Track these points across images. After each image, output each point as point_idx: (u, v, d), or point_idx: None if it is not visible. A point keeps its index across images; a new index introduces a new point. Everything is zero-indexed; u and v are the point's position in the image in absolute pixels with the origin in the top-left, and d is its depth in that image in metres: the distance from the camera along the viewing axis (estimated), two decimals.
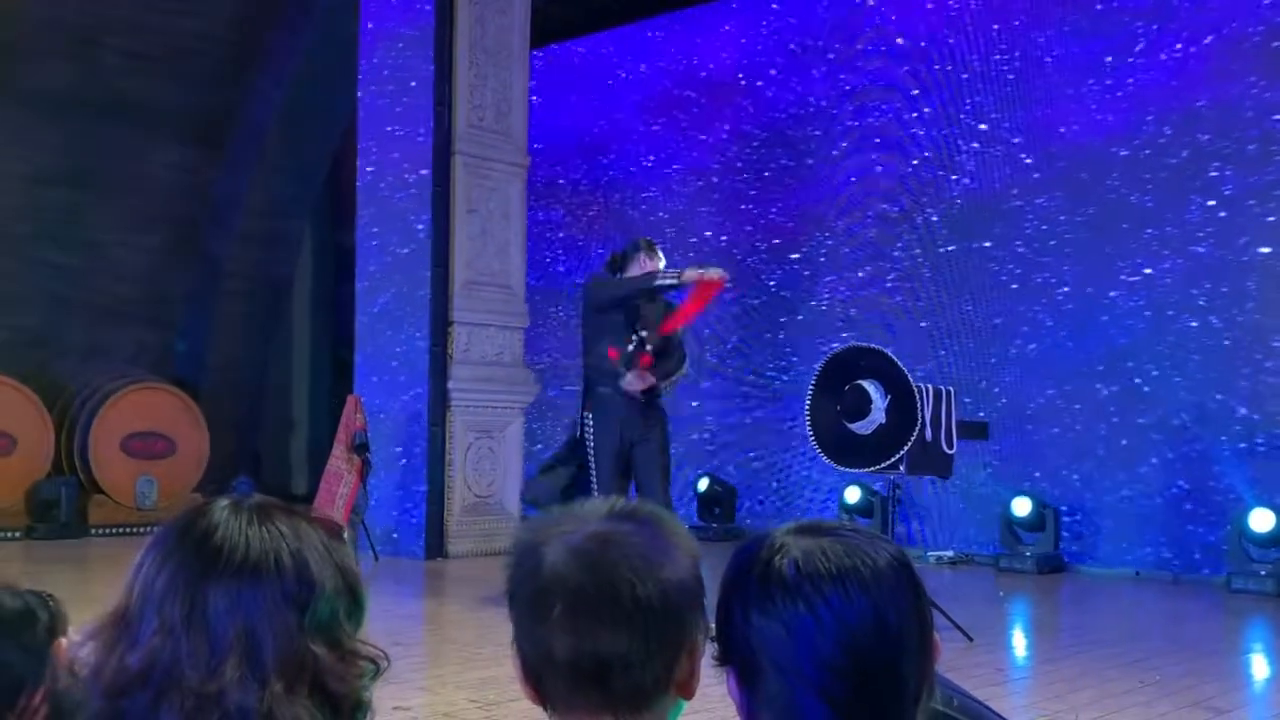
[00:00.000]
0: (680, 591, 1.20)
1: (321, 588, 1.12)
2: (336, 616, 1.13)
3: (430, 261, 9.58)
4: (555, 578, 1.19)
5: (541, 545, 1.22)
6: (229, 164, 12.57)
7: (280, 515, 1.15)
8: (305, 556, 1.12)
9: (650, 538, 1.22)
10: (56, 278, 11.57)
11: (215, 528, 1.13)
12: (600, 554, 1.19)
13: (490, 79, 9.89)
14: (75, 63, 11.18)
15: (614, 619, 1.16)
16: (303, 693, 1.08)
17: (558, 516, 1.26)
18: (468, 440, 9.66)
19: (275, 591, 1.10)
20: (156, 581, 1.11)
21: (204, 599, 1.09)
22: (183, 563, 1.11)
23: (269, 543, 1.12)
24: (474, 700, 4.59)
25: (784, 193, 11.50)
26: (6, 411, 10.64)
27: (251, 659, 1.07)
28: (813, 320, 11.20)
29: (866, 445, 6.05)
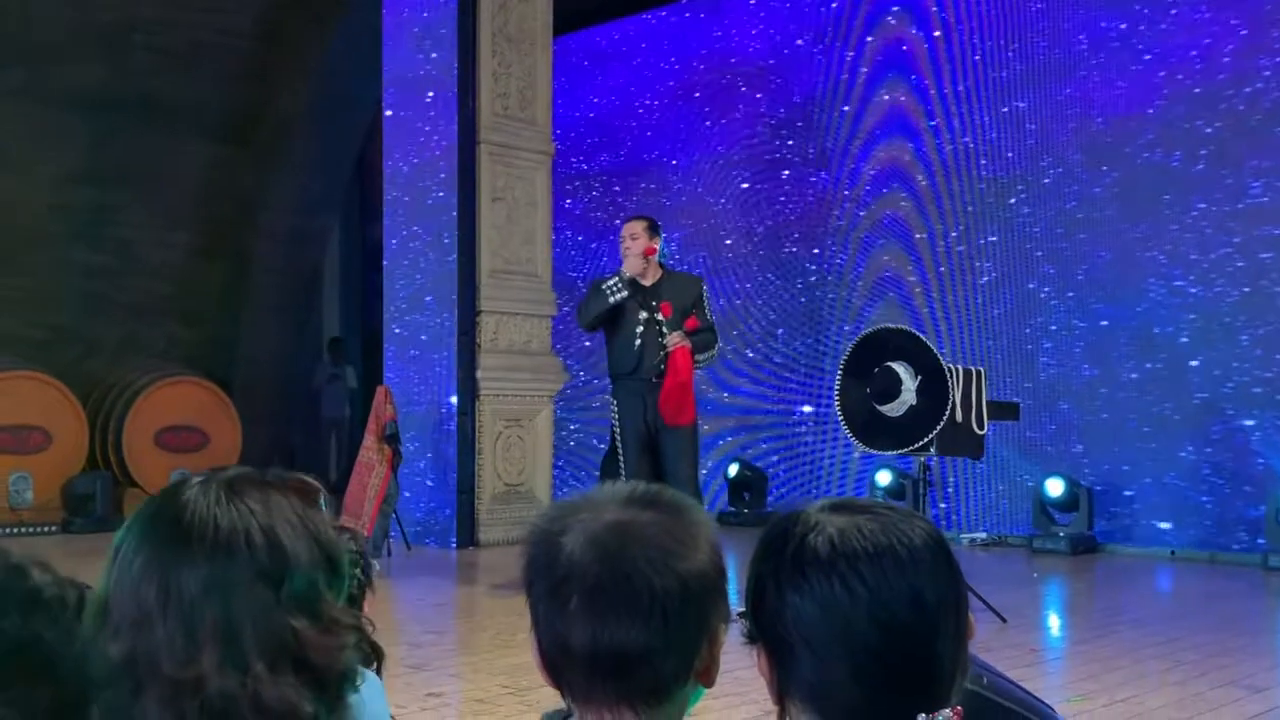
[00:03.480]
0: (700, 582, 1.18)
1: (296, 560, 1.08)
2: (315, 588, 1.10)
3: (457, 250, 9.59)
4: (573, 569, 1.17)
5: (559, 534, 1.20)
6: (257, 160, 12.62)
7: (252, 489, 1.12)
8: (277, 530, 1.09)
9: (670, 527, 1.20)
10: (89, 276, 11.67)
11: (184, 508, 1.09)
12: (618, 545, 1.17)
13: (514, 67, 9.88)
14: (105, 62, 11.25)
15: (632, 612, 1.14)
16: (287, 671, 1.05)
17: (576, 502, 1.24)
18: (497, 429, 9.68)
19: (248, 569, 1.06)
20: (132, 567, 1.08)
21: (178, 583, 1.06)
22: (156, 547, 1.08)
23: (239, 520, 1.08)
24: (507, 687, 4.61)
25: (810, 176, 11.45)
26: (42, 407, 10.75)
27: (230, 642, 1.04)
28: (841, 303, 11.15)
29: (896, 427, 6.01)
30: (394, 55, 10.21)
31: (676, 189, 12.35)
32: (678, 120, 12.39)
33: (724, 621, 1.22)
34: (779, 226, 11.63)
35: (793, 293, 11.52)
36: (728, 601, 1.22)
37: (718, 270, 11.92)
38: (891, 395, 6.02)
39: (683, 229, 12.07)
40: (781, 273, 11.55)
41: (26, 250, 11.18)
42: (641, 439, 6.59)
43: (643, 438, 6.59)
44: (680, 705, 1.20)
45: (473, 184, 9.61)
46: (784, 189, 11.63)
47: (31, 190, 11.14)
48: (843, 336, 10.51)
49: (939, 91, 10.57)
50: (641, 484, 1.27)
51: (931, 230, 10.59)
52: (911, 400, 6.02)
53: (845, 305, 11.10)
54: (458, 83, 9.62)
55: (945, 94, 10.52)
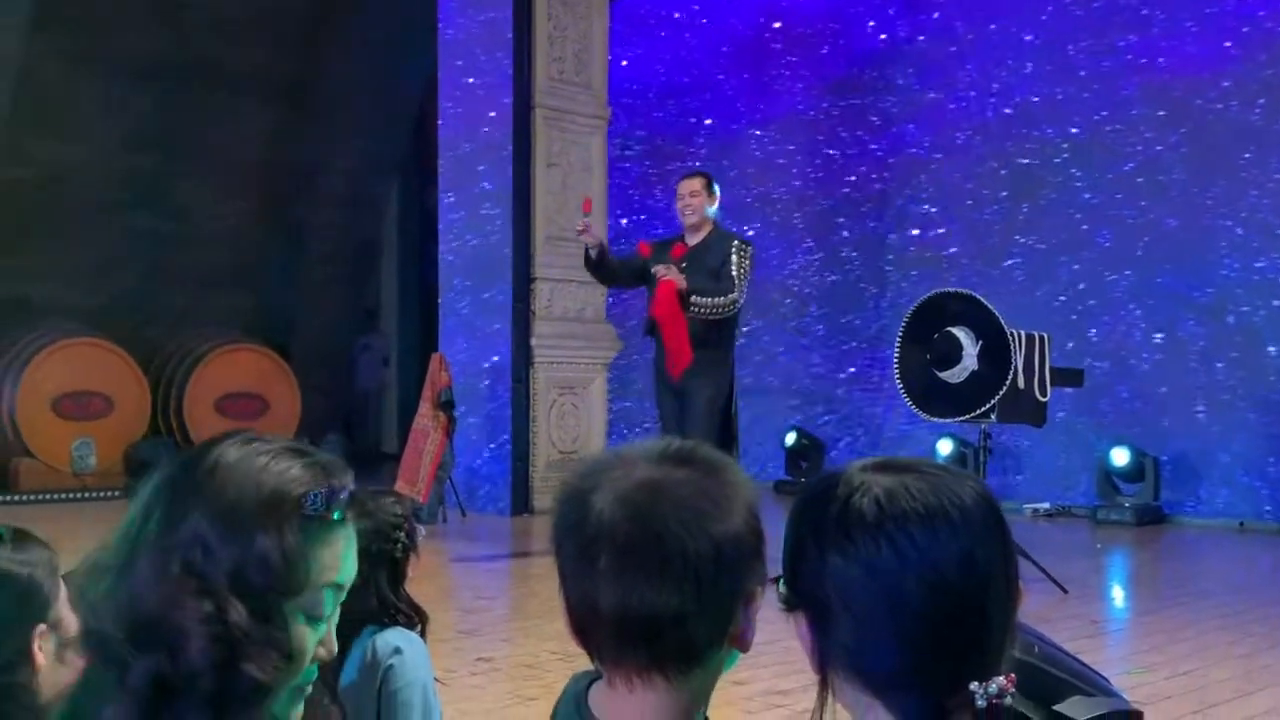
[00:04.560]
0: (735, 545, 1.13)
1: None
2: None
3: (511, 217, 9.55)
4: (602, 528, 1.12)
5: (590, 492, 1.15)
6: (315, 126, 12.66)
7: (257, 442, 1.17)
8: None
9: (705, 486, 1.14)
10: (150, 243, 11.79)
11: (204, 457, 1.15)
12: (650, 505, 1.11)
13: (569, 30, 9.79)
14: (163, 30, 11.31)
15: (663, 575, 1.09)
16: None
17: (608, 459, 1.19)
18: (551, 396, 9.65)
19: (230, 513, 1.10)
20: (150, 524, 1.11)
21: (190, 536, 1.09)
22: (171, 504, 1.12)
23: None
24: (556, 653, 4.58)
25: (874, 138, 11.26)
26: (104, 374, 10.89)
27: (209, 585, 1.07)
28: (902, 267, 10.98)
29: (957, 394, 5.90)
30: (449, 20, 10.16)
31: (733, 152, 12.20)
32: (735, 82, 12.23)
33: (760, 585, 1.16)
34: (837, 189, 11.47)
35: (853, 258, 11.36)
36: (764, 564, 1.16)
37: (776, 234, 11.78)
38: (952, 361, 5.90)
39: (740, 193, 11.93)
40: (841, 237, 11.40)
41: (88, 218, 11.30)
42: (667, 403, 6.54)
43: (668, 402, 6.53)
44: (714, 670, 1.16)
45: (527, 150, 9.56)
46: (843, 151, 11.46)
47: (92, 158, 11.25)
48: (902, 301, 10.34)
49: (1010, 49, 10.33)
50: (676, 440, 1.21)
51: (999, 191, 10.38)
52: (972, 366, 5.89)
53: (908, 269, 10.92)
54: (513, 47, 9.55)
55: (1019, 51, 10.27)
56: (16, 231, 10.59)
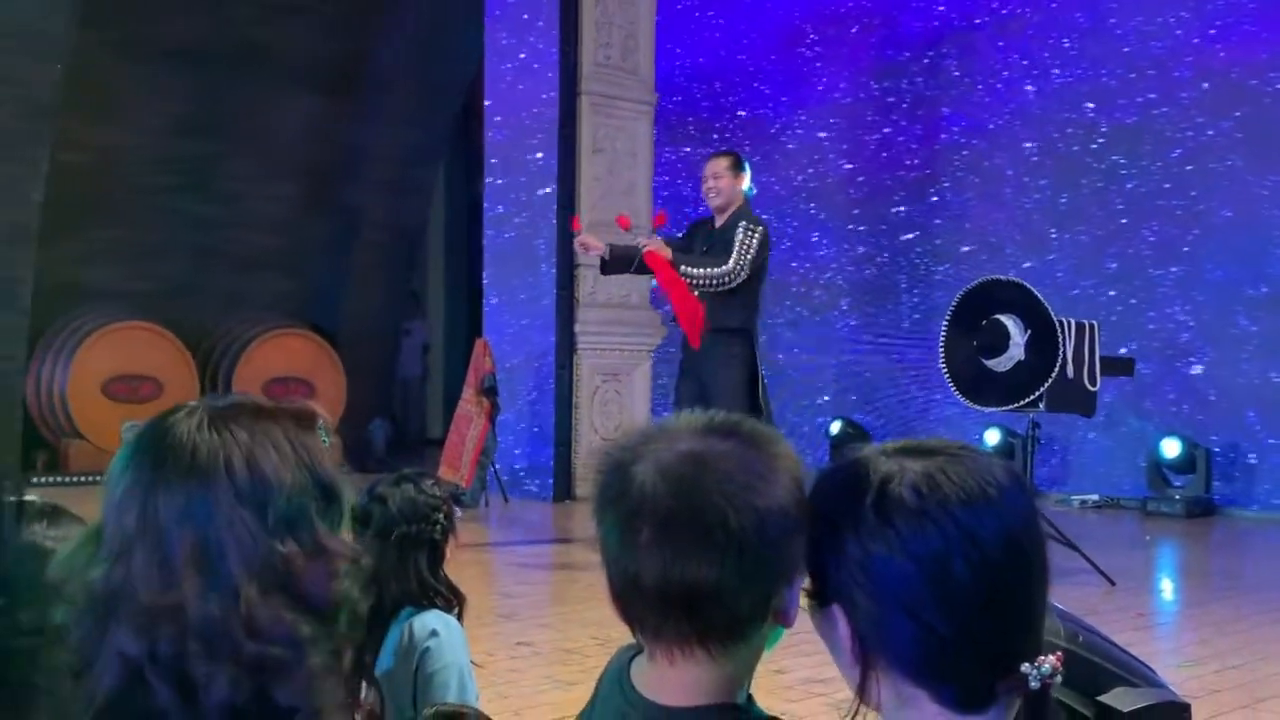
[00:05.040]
0: (779, 518, 1.11)
1: (280, 486, 1.07)
2: (305, 513, 1.08)
3: (557, 203, 9.54)
4: (644, 500, 1.11)
5: (631, 463, 1.14)
6: (361, 112, 12.70)
7: (242, 416, 1.11)
8: (259, 456, 1.08)
9: (749, 459, 1.13)
10: (197, 228, 11.89)
11: (165, 434, 1.09)
12: (693, 477, 1.10)
13: (616, 16, 9.76)
14: (210, 14, 11.38)
15: (705, 548, 1.08)
16: (277, 597, 1.04)
17: (651, 430, 1.18)
18: (594, 383, 9.65)
19: (228, 495, 1.05)
20: (117, 494, 1.08)
21: (155, 508, 1.05)
22: (137, 473, 1.08)
23: (218, 446, 1.07)
24: (596, 638, 4.58)
25: (921, 124, 11.14)
26: (153, 357, 11.01)
27: (212, 568, 1.03)
28: (950, 254, 10.86)
29: (1004, 383, 5.82)
30: (497, 6, 10.15)
31: (781, 137, 12.11)
32: (782, 66, 12.13)
33: (804, 559, 1.15)
34: (886, 174, 11.36)
35: (895, 245, 11.25)
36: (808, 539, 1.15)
37: (818, 222, 11.70)
38: (999, 350, 5.82)
39: (788, 177, 11.85)
40: (889, 222, 11.29)
41: (137, 202, 11.42)
42: (685, 385, 6.47)
43: (686, 384, 6.46)
44: (756, 646, 1.15)
45: (573, 136, 9.55)
46: (887, 138, 11.35)
47: (141, 143, 11.35)
48: (945, 290, 10.23)
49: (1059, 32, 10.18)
50: (721, 413, 1.19)
51: (1049, 177, 10.24)
52: (1020, 355, 5.81)
53: (955, 255, 10.80)
54: (560, 33, 9.53)
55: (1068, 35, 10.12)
56: (68, 216, 10.70)
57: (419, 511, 2.36)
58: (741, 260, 6.22)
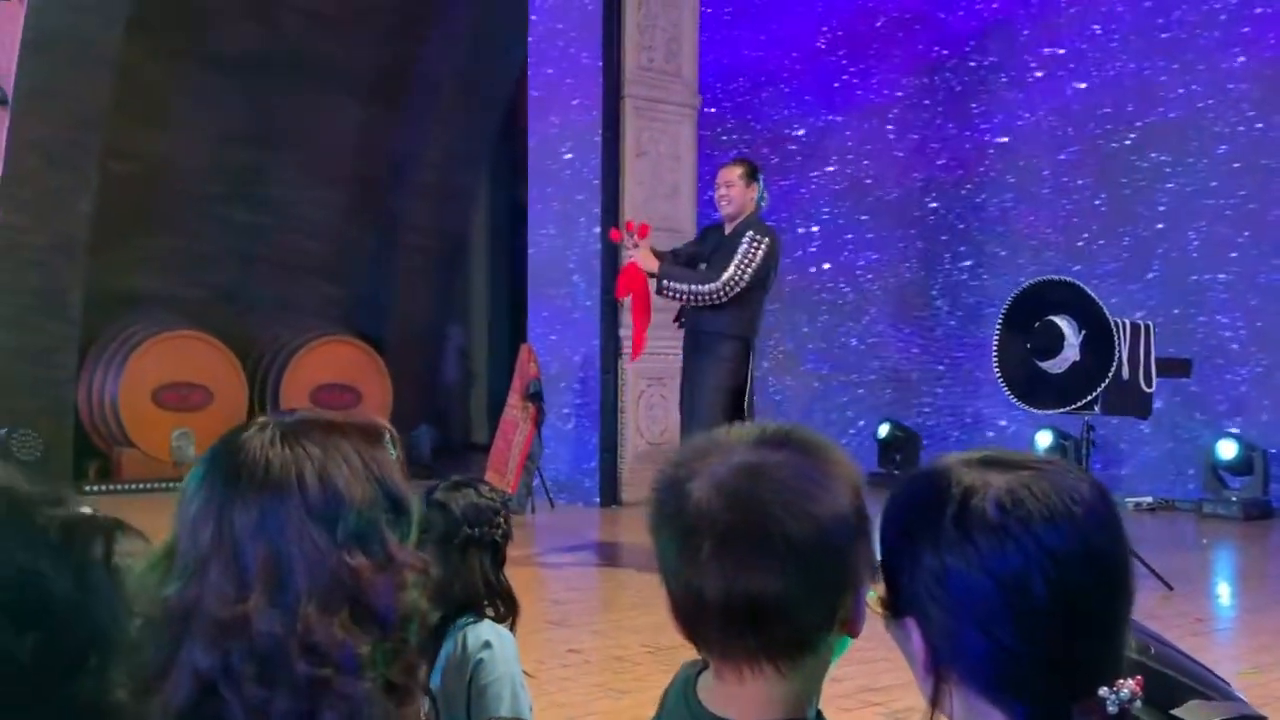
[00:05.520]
0: (839, 527, 1.10)
1: (351, 500, 1.08)
2: (374, 527, 1.09)
3: (600, 207, 9.53)
4: (701, 516, 1.10)
5: (686, 480, 1.13)
6: (406, 119, 12.77)
7: (312, 431, 1.13)
8: (331, 471, 1.09)
9: (805, 468, 1.12)
10: (245, 236, 11.99)
11: (238, 449, 1.11)
12: (750, 489, 1.10)
13: (659, 19, 9.74)
14: (259, 25, 11.48)
15: (767, 560, 1.07)
16: (341, 612, 1.05)
17: (704, 445, 1.16)
18: (640, 387, 9.61)
19: (299, 509, 1.07)
20: (190, 509, 1.10)
21: (230, 523, 1.07)
22: (211, 488, 1.10)
23: (291, 461, 1.09)
24: (647, 645, 4.54)
25: (968, 123, 11.02)
26: (203, 365, 11.11)
27: (280, 583, 1.05)
28: (999, 254, 10.73)
29: (1059, 385, 5.73)
30: (540, 11, 10.16)
31: (825, 140, 12.04)
32: (827, 69, 12.05)
33: (869, 568, 1.14)
34: (931, 177, 11.25)
35: (947, 246, 11.14)
36: (871, 547, 1.14)
37: (866, 221, 11.60)
38: (1053, 351, 5.74)
39: (833, 181, 11.78)
40: (935, 225, 11.18)
41: (187, 211, 11.54)
42: (684, 387, 6.49)
43: (684, 386, 6.49)
44: (824, 657, 1.14)
45: (616, 139, 9.53)
46: (938, 139, 11.24)
47: (190, 151, 11.47)
48: (1002, 289, 10.11)
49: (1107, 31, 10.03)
50: (772, 424, 1.18)
51: (1097, 176, 10.09)
52: (1075, 356, 5.72)
53: (1005, 255, 10.67)
54: (602, 37, 9.52)
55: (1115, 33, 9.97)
56: (120, 225, 10.84)
57: (482, 515, 2.38)
58: (740, 273, 6.14)
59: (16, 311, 10.36)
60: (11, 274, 10.30)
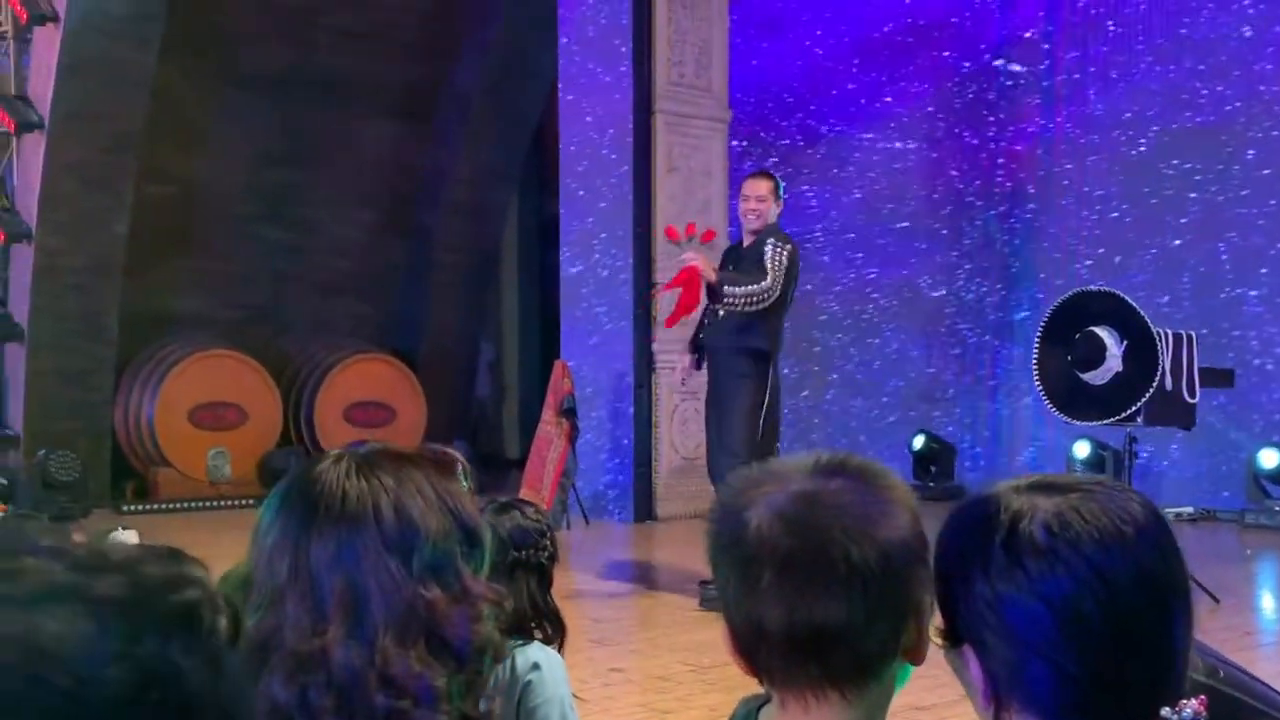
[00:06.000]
0: (901, 552, 1.09)
1: (426, 532, 1.09)
2: (449, 559, 1.10)
3: (632, 223, 9.52)
4: (761, 544, 1.09)
5: (744, 509, 1.12)
6: (437, 136, 12.83)
7: (386, 463, 1.13)
8: (406, 502, 1.10)
9: (863, 493, 1.11)
10: (279, 255, 12.07)
11: (315, 482, 1.11)
12: (809, 516, 1.09)
13: (689, 34, 9.74)
14: (290, 45, 11.57)
15: (829, 586, 1.07)
16: (417, 644, 1.05)
17: (759, 475, 1.16)
18: (674, 402, 9.59)
19: (375, 541, 1.07)
20: (267, 541, 1.10)
21: (306, 555, 1.07)
22: (287, 520, 1.10)
23: (368, 493, 1.09)
24: (689, 664, 4.51)
25: (993, 133, 10.96)
26: (238, 384, 11.17)
27: (357, 615, 1.05)
28: (1037, 264, 10.65)
29: (1101, 396, 5.66)
30: (570, 27, 10.18)
31: (857, 152, 11.99)
32: (858, 81, 12.01)
33: (929, 594, 1.14)
34: (957, 189, 11.19)
35: (983, 256, 11.06)
36: (931, 572, 1.14)
37: (897, 234, 11.54)
38: (1095, 362, 5.67)
39: (864, 192, 11.73)
40: (970, 235, 11.11)
41: (221, 231, 11.63)
42: (709, 402, 6.39)
43: (710, 401, 6.39)
44: (889, 683, 1.13)
45: (648, 155, 9.53)
46: (963, 150, 11.18)
47: (224, 172, 11.56)
48: (1038, 300, 10.02)
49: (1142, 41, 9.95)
50: (826, 452, 1.18)
51: (1136, 186, 10.00)
52: (1117, 367, 5.65)
53: (1042, 266, 10.59)
54: (633, 52, 9.53)
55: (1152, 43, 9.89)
56: (155, 246, 10.92)
57: (528, 537, 2.37)
58: (777, 277, 6.05)
59: (54, 334, 10.47)
60: (50, 297, 10.40)
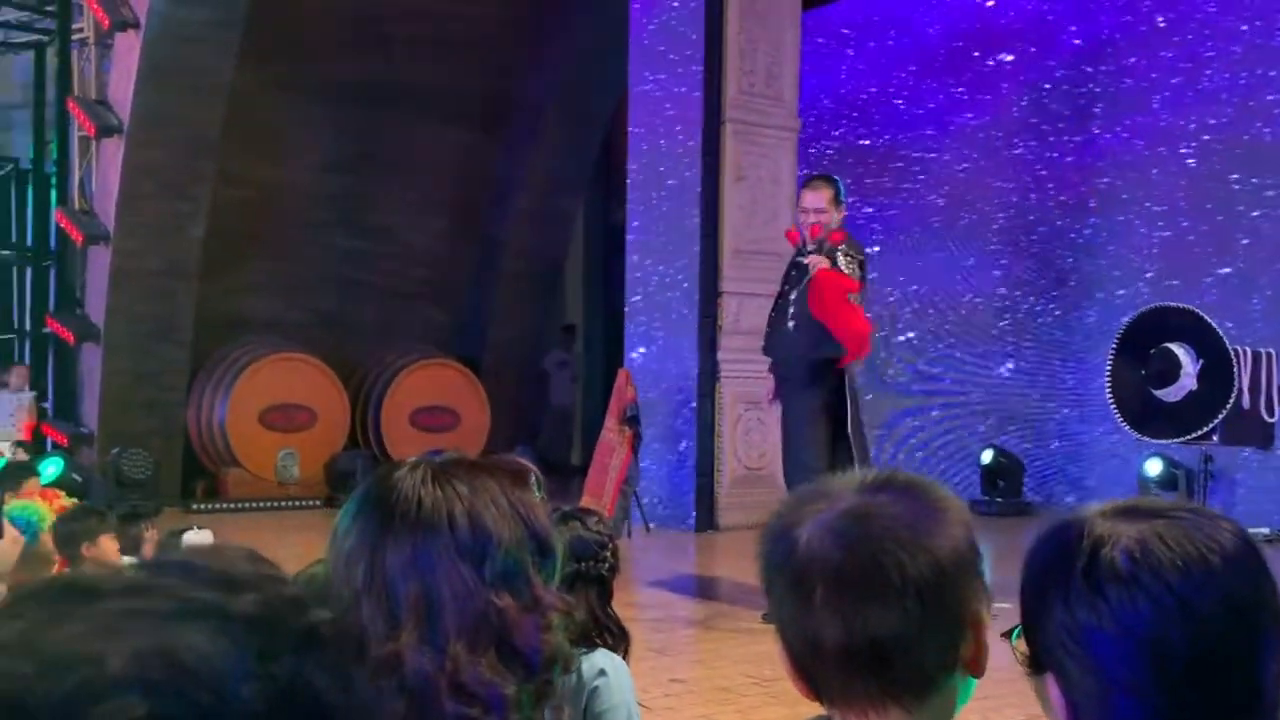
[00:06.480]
0: (955, 561, 1.09)
1: (500, 540, 1.11)
2: (521, 568, 1.12)
3: (699, 232, 9.51)
4: (812, 560, 1.09)
5: (794, 527, 1.12)
6: (508, 144, 12.92)
7: (461, 471, 1.15)
8: (480, 511, 1.11)
9: (913, 505, 1.11)
10: (350, 261, 12.22)
11: (392, 489, 1.14)
12: (860, 530, 1.09)
13: (761, 44, 9.73)
14: (364, 53, 11.72)
15: (883, 598, 1.06)
16: (488, 651, 1.06)
17: (808, 494, 1.16)
18: (737, 412, 9.55)
19: (449, 548, 1.09)
20: (344, 545, 1.13)
21: (382, 560, 1.09)
22: (365, 525, 1.13)
23: (442, 500, 1.12)
24: (751, 676, 4.48)
25: (1076, 145, 10.80)
26: (308, 388, 11.32)
27: (429, 620, 1.07)
28: (1109, 279, 10.47)
29: (1175, 413, 5.56)
30: (641, 36, 10.20)
31: (927, 162, 11.89)
32: (929, 91, 11.92)
33: (986, 605, 1.13)
34: (1031, 201, 11.04)
35: (1055, 268, 10.90)
36: (985, 583, 1.13)
37: (969, 246, 11.42)
38: (1169, 379, 5.56)
39: (933, 203, 11.63)
40: (1042, 247, 10.95)
41: (293, 236, 11.79)
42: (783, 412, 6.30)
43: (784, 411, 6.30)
44: (949, 697, 1.12)
45: (716, 164, 9.52)
46: (1037, 162, 11.03)
47: (297, 178, 11.74)
48: (1111, 314, 9.85)
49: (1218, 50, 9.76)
50: (873, 470, 1.18)
51: (1211, 200, 9.81)
52: (1192, 385, 5.55)
53: (1115, 280, 10.41)
54: (704, 62, 9.53)
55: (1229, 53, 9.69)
56: (229, 250, 11.11)
57: (588, 549, 2.36)
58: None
59: (130, 335, 10.68)
60: (126, 298, 10.62)
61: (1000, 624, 1.13)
